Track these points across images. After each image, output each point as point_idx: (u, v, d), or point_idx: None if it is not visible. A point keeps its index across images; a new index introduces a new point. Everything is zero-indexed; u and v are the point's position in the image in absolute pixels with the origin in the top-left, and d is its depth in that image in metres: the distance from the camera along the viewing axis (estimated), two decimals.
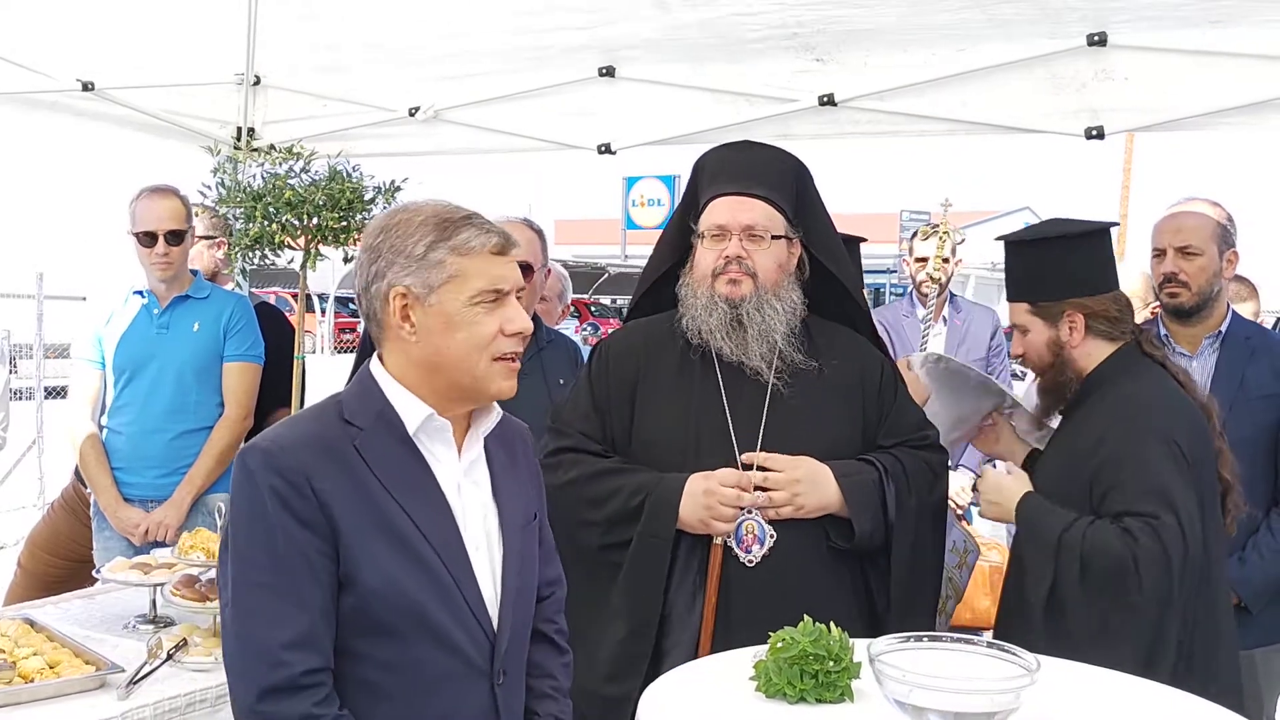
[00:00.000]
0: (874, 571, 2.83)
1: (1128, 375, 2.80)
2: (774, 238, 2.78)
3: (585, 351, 4.65)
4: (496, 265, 1.98)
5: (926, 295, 5.15)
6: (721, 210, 2.78)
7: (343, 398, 2.03)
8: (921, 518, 2.82)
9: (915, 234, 5.43)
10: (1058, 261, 2.86)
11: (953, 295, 5.34)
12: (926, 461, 2.86)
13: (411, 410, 1.99)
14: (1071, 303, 2.82)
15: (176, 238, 4.09)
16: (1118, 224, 3.19)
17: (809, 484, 2.71)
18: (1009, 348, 5.55)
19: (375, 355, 2.07)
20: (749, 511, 2.70)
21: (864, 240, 3.50)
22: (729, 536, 2.70)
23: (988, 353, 5.19)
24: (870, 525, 2.74)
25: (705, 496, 2.66)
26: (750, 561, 2.71)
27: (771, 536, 2.71)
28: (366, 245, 2.00)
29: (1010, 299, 2.94)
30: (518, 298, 2.03)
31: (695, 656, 2.64)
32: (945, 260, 5.03)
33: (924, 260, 5.16)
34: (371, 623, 1.92)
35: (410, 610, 1.93)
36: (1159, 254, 3.47)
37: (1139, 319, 3.79)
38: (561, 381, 3.69)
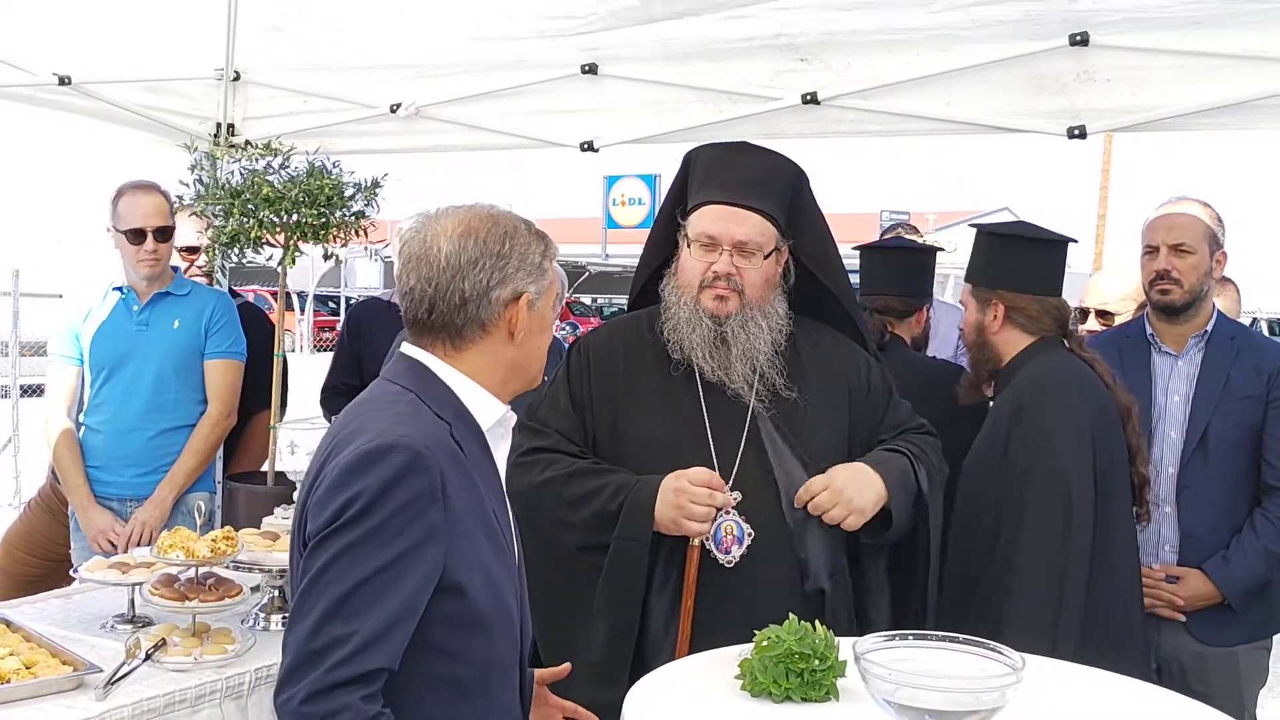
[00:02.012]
0: (869, 563, 2.83)
1: (1042, 356, 3.16)
2: (765, 256, 2.74)
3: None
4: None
5: None
6: (713, 220, 2.71)
7: (419, 393, 2.02)
8: (940, 497, 2.83)
9: (884, 233, 5.46)
10: (1000, 256, 3.23)
11: None
12: (930, 445, 2.87)
13: (488, 407, 2.07)
14: (999, 293, 3.19)
15: (164, 234, 4.08)
16: (1076, 240, 3.31)
17: (853, 486, 2.66)
18: None
19: (425, 354, 2.05)
20: (727, 512, 2.68)
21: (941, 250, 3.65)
22: (707, 538, 2.67)
23: (955, 352, 5.21)
24: (907, 514, 2.72)
25: (676, 496, 2.62)
26: (729, 563, 2.68)
27: (750, 536, 2.69)
28: (490, 251, 2.01)
29: (964, 278, 3.31)
30: None
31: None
32: None
33: None
34: (474, 623, 1.96)
35: (502, 605, 2.01)
36: (1151, 251, 3.47)
37: None
38: (548, 379, 3.67)
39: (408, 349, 2.08)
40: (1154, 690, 2.34)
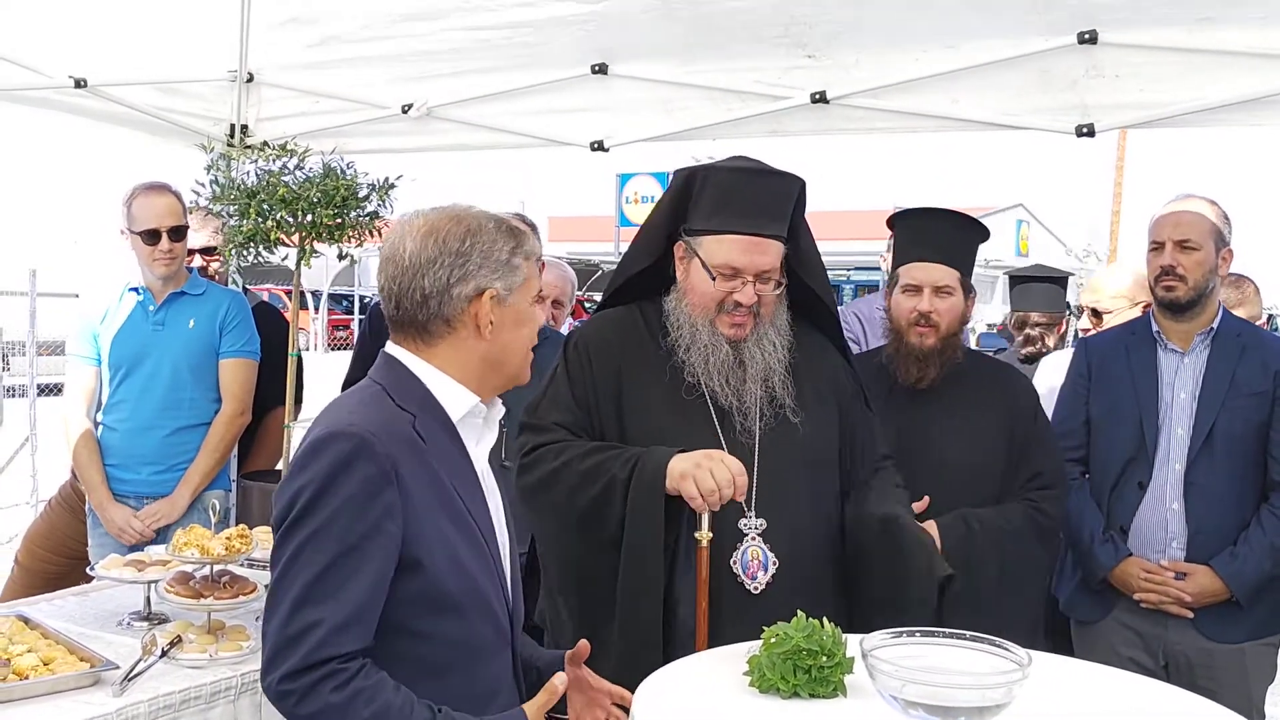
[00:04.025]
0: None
1: (983, 355, 3.47)
2: (780, 278, 2.77)
3: None
4: (538, 269, 2.24)
5: None
6: (739, 252, 2.70)
7: (385, 385, 2.11)
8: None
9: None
10: (974, 243, 3.31)
11: None
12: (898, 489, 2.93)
13: (457, 399, 2.13)
14: (970, 282, 3.29)
15: (179, 233, 4.12)
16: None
17: None
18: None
19: (400, 350, 2.14)
20: (753, 538, 2.70)
21: (1071, 275, 3.75)
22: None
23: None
24: None
25: (705, 458, 2.59)
26: (756, 589, 2.69)
27: (775, 564, 2.71)
28: (449, 249, 2.09)
29: (945, 262, 3.21)
30: None
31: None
32: None
33: None
34: (440, 602, 2.04)
35: (470, 586, 2.08)
36: (1157, 247, 3.46)
37: (1125, 318, 3.86)
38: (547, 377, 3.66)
39: (388, 345, 2.18)
40: (1162, 687, 2.35)
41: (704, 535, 2.63)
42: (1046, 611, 3.43)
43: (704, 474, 2.56)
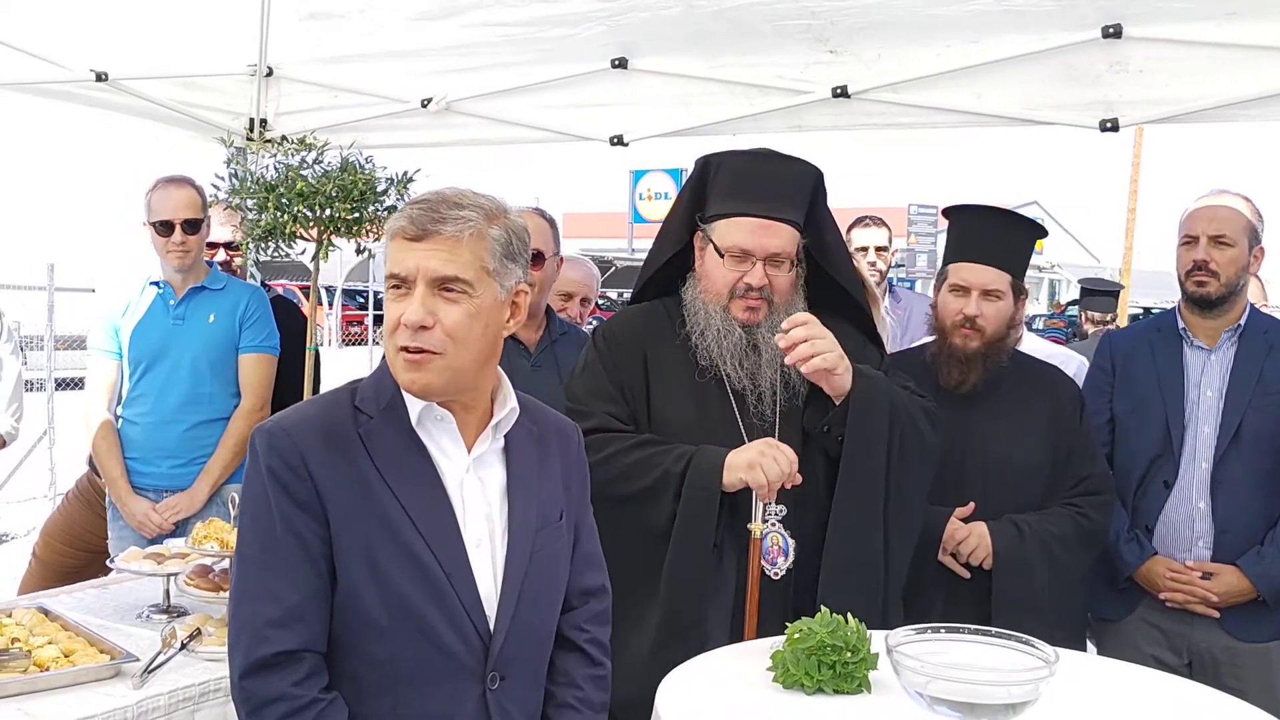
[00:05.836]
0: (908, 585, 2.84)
1: (1030, 356, 3.37)
2: (792, 264, 2.78)
3: None
4: (407, 251, 1.92)
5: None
6: (747, 234, 2.73)
7: (359, 384, 2.05)
8: (909, 435, 2.76)
9: (853, 224, 5.39)
10: (1025, 245, 3.26)
11: (891, 286, 5.37)
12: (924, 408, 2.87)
13: (414, 401, 1.99)
14: (1020, 284, 3.23)
15: (193, 227, 4.11)
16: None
17: (830, 342, 2.67)
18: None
19: None
20: (773, 525, 2.71)
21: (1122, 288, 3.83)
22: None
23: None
24: (877, 411, 2.72)
25: (766, 446, 2.61)
26: (776, 574, 2.70)
27: (795, 549, 2.72)
28: None
29: (995, 264, 3.16)
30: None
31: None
32: (882, 249, 5.09)
33: (864, 249, 5.17)
34: (357, 613, 1.92)
35: (394, 602, 1.92)
36: (1189, 241, 3.42)
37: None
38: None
39: None
40: (1189, 685, 2.33)
41: (758, 526, 2.64)
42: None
43: (769, 462, 2.58)
